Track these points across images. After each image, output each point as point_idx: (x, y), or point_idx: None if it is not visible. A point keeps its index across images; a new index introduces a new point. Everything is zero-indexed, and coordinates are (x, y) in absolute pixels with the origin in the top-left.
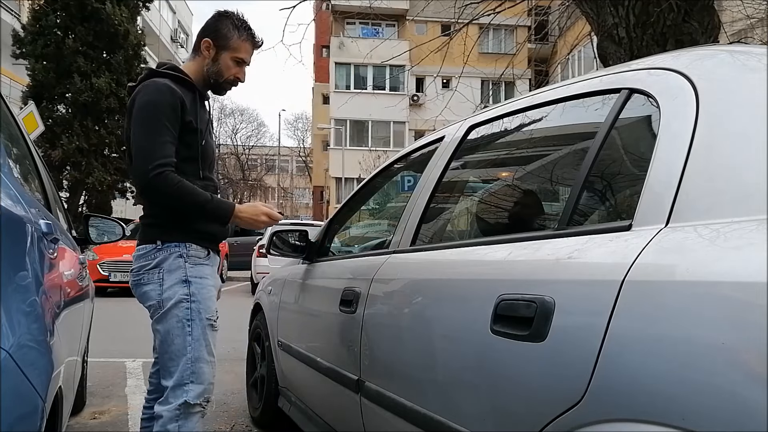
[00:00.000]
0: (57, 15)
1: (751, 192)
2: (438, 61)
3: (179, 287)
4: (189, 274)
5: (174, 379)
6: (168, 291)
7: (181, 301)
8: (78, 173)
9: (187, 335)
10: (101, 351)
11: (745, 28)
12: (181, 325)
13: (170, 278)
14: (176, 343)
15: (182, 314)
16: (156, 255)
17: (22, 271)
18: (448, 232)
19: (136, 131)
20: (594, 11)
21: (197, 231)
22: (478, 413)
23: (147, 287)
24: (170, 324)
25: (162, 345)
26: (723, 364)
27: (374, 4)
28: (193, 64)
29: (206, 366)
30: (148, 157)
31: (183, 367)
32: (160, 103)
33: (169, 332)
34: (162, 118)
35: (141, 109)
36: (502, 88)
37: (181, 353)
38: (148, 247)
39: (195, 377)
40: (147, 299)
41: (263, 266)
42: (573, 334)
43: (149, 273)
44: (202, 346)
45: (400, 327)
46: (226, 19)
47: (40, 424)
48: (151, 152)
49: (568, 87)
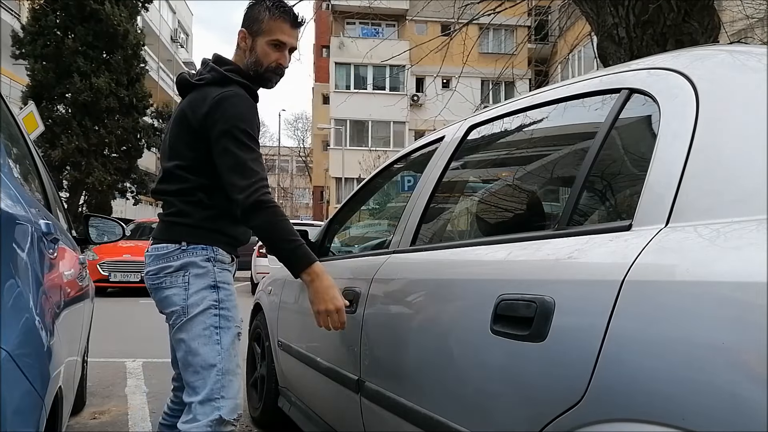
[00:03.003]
0: (57, 15)
1: (751, 192)
2: (438, 61)
3: (207, 292)
4: (218, 279)
5: (203, 394)
6: (194, 296)
7: (210, 307)
8: (78, 173)
9: (216, 344)
10: (101, 351)
11: (745, 28)
12: (209, 333)
13: (197, 282)
14: (202, 353)
15: (210, 321)
16: (180, 256)
17: (22, 271)
18: (448, 232)
19: (233, 143)
20: (594, 11)
21: (225, 234)
22: (478, 413)
23: (169, 291)
24: (196, 332)
25: (186, 356)
26: (723, 364)
27: (374, 4)
28: (239, 59)
29: (236, 379)
30: (254, 174)
31: (213, 380)
32: (255, 119)
33: (195, 341)
34: (256, 136)
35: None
36: (502, 88)
37: (208, 365)
38: (171, 247)
39: (226, 391)
40: (168, 305)
41: (263, 266)
42: (573, 334)
43: (172, 276)
44: (231, 357)
45: (400, 327)
46: (257, 4)
47: (40, 424)
48: (256, 170)
49: (568, 87)
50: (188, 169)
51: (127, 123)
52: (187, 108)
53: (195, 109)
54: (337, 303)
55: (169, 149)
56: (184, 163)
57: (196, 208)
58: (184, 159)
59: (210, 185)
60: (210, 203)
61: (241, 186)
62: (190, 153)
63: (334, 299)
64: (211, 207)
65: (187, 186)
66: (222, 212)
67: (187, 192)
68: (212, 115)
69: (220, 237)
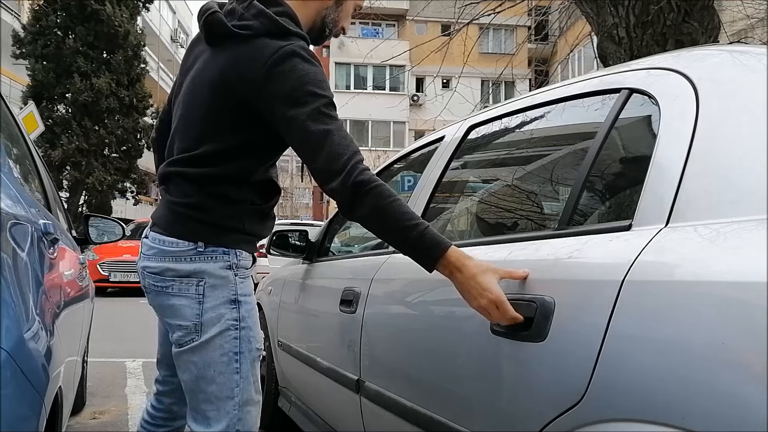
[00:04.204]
0: (57, 15)
1: (751, 192)
2: (438, 61)
3: (226, 309)
4: (239, 291)
5: (217, 427)
6: (210, 313)
7: (228, 328)
8: (78, 173)
9: (235, 373)
10: (101, 351)
11: (745, 28)
12: (227, 360)
13: (214, 295)
14: (219, 382)
15: (229, 346)
16: (195, 259)
17: (22, 271)
18: (448, 232)
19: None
20: (594, 11)
21: (248, 234)
22: (478, 413)
23: (177, 301)
24: (212, 357)
25: (198, 382)
26: (723, 364)
27: (374, 4)
28: (306, 8)
29: (254, 409)
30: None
31: (230, 415)
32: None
33: (210, 368)
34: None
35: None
36: (502, 88)
37: (225, 396)
38: (183, 245)
39: (243, 424)
40: (175, 316)
41: (263, 266)
42: (573, 334)
43: (182, 282)
44: (251, 385)
45: (400, 327)
46: None
47: (40, 424)
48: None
49: (568, 87)
50: (222, 154)
51: (128, 123)
52: (231, 69)
53: (245, 72)
54: (490, 295)
55: (198, 124)
56: (218, 146)
57: (218, 203)
58: (222, 141)
59: (242, 177)
60: (237, 198)
61: (334, 170)
62: (232, 133)
63: (486, 291)
64: (237, 203)
65: (214, 174)
66: (249, 208)
67: (211, 181)
68: (276, 80)
69: (243, 236)
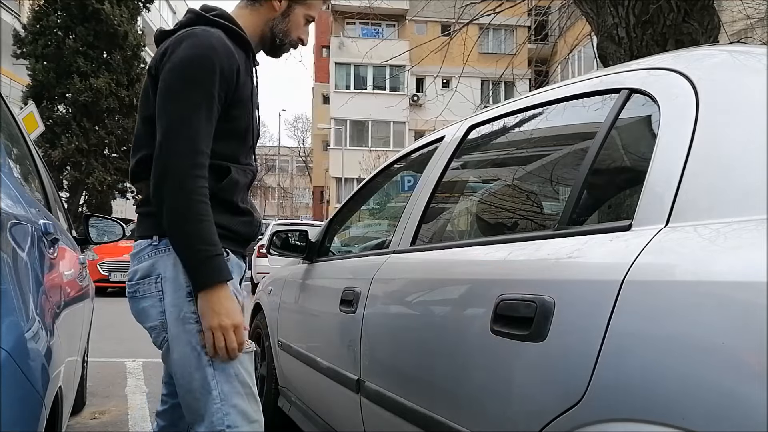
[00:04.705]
0: (58, 15)
1: (751, 192)
2: (438, 61)
3: (184, 302)
4: None
5: (204, 425)
6: (171, 307)
7: (189, 321)
8: (78, 173)
9: (206, 366)
10: (101, 351)
11: (745, 28)
12: (196, 354)
13: (172, 289)
14: (196, 377)
15: (195, 340)
16: (152, 255)
17: (22, 271)
18: (448, 232)
19: (173, 99)
20: (594, 11)
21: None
22: (478, 413)
23: (144, 302)
24: (183, 352)
25: (179, 381)
26: (723, 363)
27: (374, 4)
28: (252, 17)
29: (241, 401)
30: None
31: (211, 410)
32: (213, 63)
33: (185, 364)
34: (212, 86)
35: (186, 65)
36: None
37: (205, 390)
38: (143, 244)
39: (231, 419)
40: (146, 319)
41: (263, 266)
42: (573, 334)
43: (145, 283)
44: (231, 377)
45: (400, 327)
46: None
47: (40, 424)
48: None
49: (568, 87)
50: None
51: (127, 123)
52: (152, 61)
53: (156, 60)
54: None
55: (140, 125)
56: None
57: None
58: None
59: None
60: None
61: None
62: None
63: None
64: None
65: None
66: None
67: None
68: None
69: None
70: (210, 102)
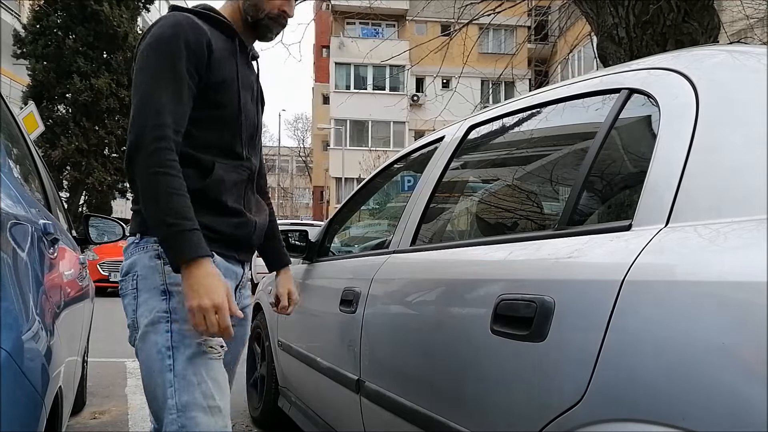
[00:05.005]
0: (58, 15)
1: (751, 192)
2: (438, 61)
3: (157, 301)
4: (170, 281)
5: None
6: (143, 306)
7: (159, 320)
8: (78, 173)
9: (167, 371)
10: (101, 351)
11: (745, 28)
12: (161, 357)
13: (146, 287)
14: (157, 382)
15: (162, 340)
16: (133, 252)
17: (22, 271)
18: (448, 232)
19: (140, 75)
20: (594, 11)
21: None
22: (477, 413)
23: (124, 300)
24: (149, 354)
25: (144, 383)
26: (723, 363)
27: (374, 4)
28: (230, 5)
29: (202, 414)
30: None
31: (167, 420)
32: (177, 37)
33: (148, 366)
34: (178, 59)
35: (150, 45)
36: (502, 88)
37: (163, 397)
38: (128, 241)
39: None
40: (126, 317)
41: (263, 266)
42: (573, 334)
43: (125, 281)
44: (193, 386)
45: (400, 327)
46: None
47: (40, 424)
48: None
49: (568, 87)
50: None
51: (127, 123)
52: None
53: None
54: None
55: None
56: None
57: None
58: None
59: None
60: None
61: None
62: None
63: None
64: None
65: None
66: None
67: None
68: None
69: None
70: (176, 75)
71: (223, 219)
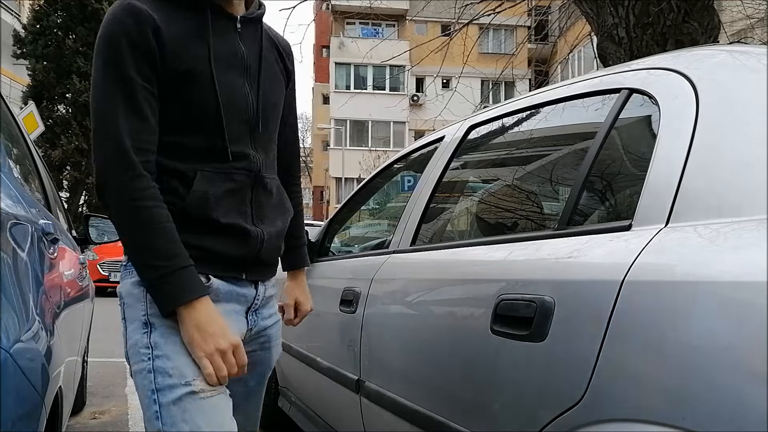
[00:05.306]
0: (58, 15)
1: (751, 192)
2: (438, 61)
3: (139, 335)
4: (150, 311)
5: None
6: (130, 339)
7: (142, 359)
8: (78, 173)
9: (155, 419)
10: (101, 351)
11: (745, 28)
12: (148, 402)
13: (131, 317)
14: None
15: (146, 382)
16: (122, 276)
17: (22, 271)
18: (448, 232)
19: (92, 90)
20: (594, 11)
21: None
22: (477, 413)
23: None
24: (139, 396)
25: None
26: (723, 363)
27: (374, 4)
28: None
29: None
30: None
31: None
32: (117, 37)
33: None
34: (123, 67)
35: (95, 51)
36: (502, 88)
37: None
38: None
39: None
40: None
41: None
42: (573, 334)
43: (120, 305)
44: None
45: (400, 327)
46: None
47: (40, 424)
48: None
49: (568, 87)
50: None
51: None
52: None
53: None
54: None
55: None
56: None
57: None
58: None
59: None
60: None
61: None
62: None
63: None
64: None
65: None
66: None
67: None
68: None
69: None
70: (126, 86)
71: (216, 239)
